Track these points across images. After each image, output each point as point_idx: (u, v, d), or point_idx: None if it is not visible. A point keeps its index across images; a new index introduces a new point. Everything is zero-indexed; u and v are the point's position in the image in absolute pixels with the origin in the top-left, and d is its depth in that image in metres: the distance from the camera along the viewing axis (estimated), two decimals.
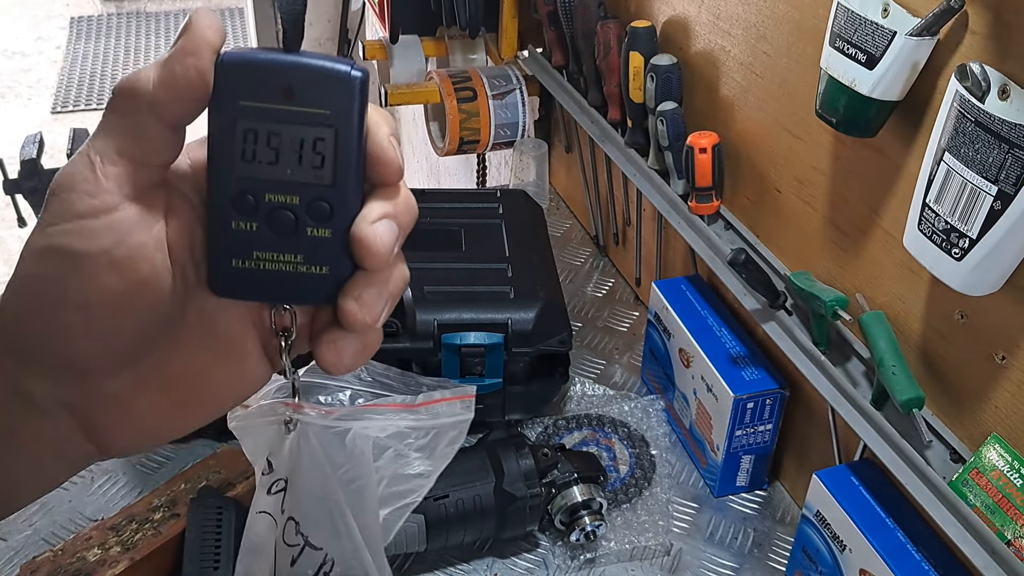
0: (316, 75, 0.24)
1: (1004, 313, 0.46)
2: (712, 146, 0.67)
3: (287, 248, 0.26)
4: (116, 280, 0.24)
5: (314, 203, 0.25)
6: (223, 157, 0.25)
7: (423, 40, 1.09)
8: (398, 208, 0.26)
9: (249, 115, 0.24)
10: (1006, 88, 0.41)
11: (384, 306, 0.26)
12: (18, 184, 0.93)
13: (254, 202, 0.25)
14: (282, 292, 0.26)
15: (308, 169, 0.25)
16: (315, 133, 0.25)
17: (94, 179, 0.24)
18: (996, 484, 0.46)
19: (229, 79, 0.24)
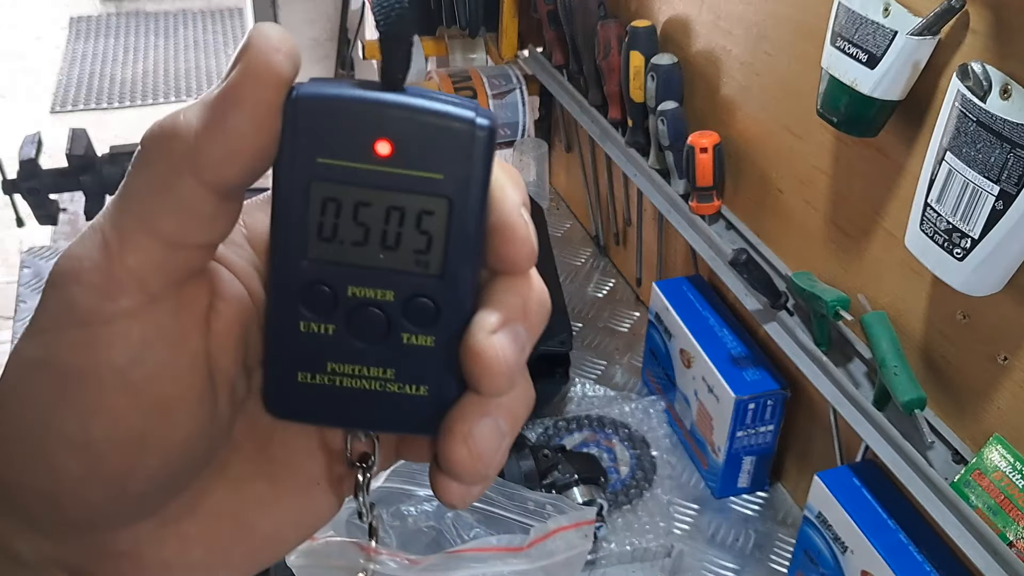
0: (426, 124, 0.17)
1: (1006, 313, 0.46)
2: (713, 146, 0.67)
3: (374, 360, 0.19)
4: (131, 410, 0.17)
5: (414, 300, 0.19)
6: (292, 234, 0.18)
7: (423, 39, 1.09)
8: (528, 308, 0.19)
9: (330, 177, 0.18)
10: (1008, 88, 0.41)
11: (502, 448, 0.19)
12: (16, 184, 0.93)
13: (332, 296, 0.18)
14: (363, 417, 0.20)
15: (408, 253, 0.18)
16: (420, 204, 0.18)
17: (107, 267, 0.17)
18: (998, 485, 0.46)
19: (304, 126, 0.17)
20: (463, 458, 0.19)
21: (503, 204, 0.19)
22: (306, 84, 0.18)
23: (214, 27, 3.62)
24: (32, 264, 0.95)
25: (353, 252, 0.18)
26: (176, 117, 0.17)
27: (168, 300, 0.18)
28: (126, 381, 0.17)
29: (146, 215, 0.17)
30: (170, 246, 0.17)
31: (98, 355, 0.17)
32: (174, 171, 0.17)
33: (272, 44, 0.17)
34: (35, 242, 1.16)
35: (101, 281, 0.17)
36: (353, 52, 2.14)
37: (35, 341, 0.18)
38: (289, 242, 0.18)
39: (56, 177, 0.94)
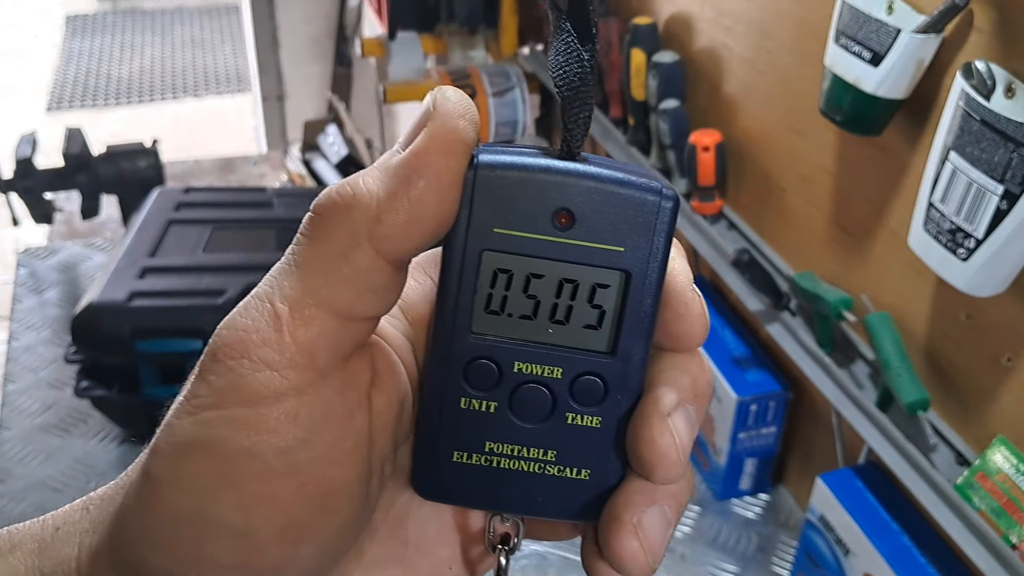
0: (612, 194, 0.17)
1: (1010, 314, 0.45)
2: (715, 144, 0.66)
3: (535, 440, 0.18)
4: (294, 497, 0.16)
5: (582, 379, 0.18)
6: (459, 305, 0.17)
7: (422, 37, 1.08)
8: (698, 388, 0.18)
9: (505, 248, 0.17)
10: (1012, 86, 0.41)
11: (668, 536, 0.18)
12: (12, 183, 0.93)
13: (496, 372, 0.18)
14: (518, 500, 0.19)
15: (577, 330, 0.18)
16: (596, 278, 0.17)
17: (278, 342, 0.16)
18: (1002, 487, 0.45)
19: (484, 195, 0.17)
20: (634, 550, 0.18)
21: (676, 278, 0.18)
22: (485, 151, 0.17)
23: (211, 24, 3.61)
24: (28, 264, 0.95)
25: (521, 326, 0.18)
26: (355, 185, 0.16)
27: (336, 376, 0.17)
28: (292, 465, 0.16)
29: (320, 286, 0.16)
30: (343, 319, 0.16)
31: (265, 437, 0.16)
32: (353, 241, 0.16)
33: (457, 110, 0.17)
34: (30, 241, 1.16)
35: (272, 356, 0.16)
36: (352, 49, 2.13)
37: (195, 419, 0.16)
38: (455, 314, 0.18)
39: (52, 176, 0.94)
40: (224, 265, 0.70)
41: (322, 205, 0.17)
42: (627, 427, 0.18)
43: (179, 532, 0.16)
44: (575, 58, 0.17)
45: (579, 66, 0.17)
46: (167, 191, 0.82)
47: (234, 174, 1.69)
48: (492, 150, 0.17)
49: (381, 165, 0.17)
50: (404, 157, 0.16)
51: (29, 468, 0.70)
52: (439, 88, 0.17)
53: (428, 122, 0.17)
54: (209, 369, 0.16)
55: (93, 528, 0.18)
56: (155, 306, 0.66)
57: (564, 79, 0.17)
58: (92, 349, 0.67)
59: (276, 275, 0.17)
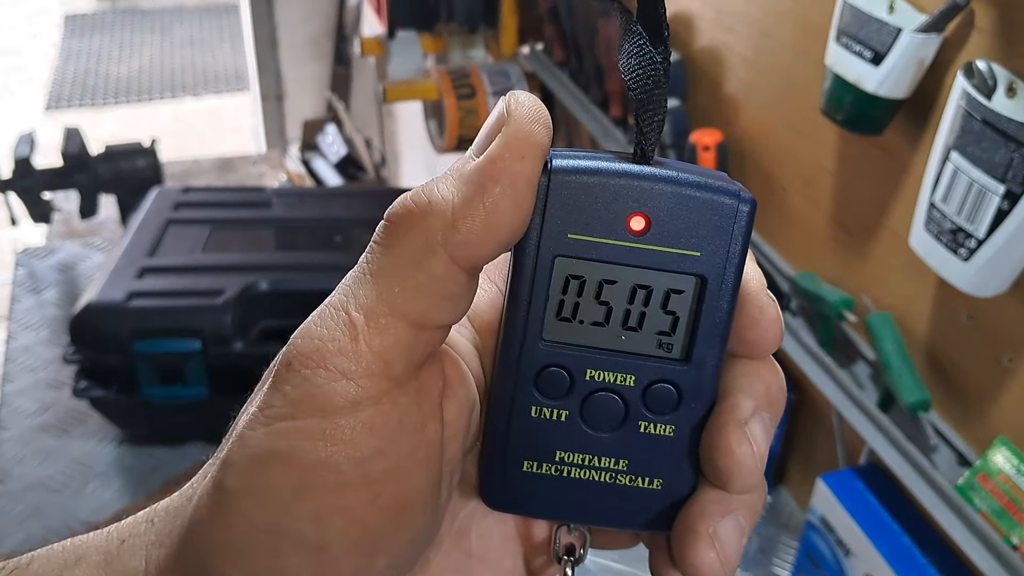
0: (689, 198, 0.17)
1: (1012, 315, 0.45)
2: (715, 144, 0.66)
3: (607, 449, 0.18)
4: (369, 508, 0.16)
5: (655, 386, 0.18)
6: (530, 313, 0.17)
7: (421, 36, 1.08)
8: (772, 395, 0.18)
9: (578, 254, 0.17)
10: (1013, 86, 0.41)
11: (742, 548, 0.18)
12: (11, 183, 0.93)
13: (568, 380, 0.18)
14: (588, 510, 0.18)
15: (650, 336, 0.18)
16: (669, 283, 0.17)
17: (354, 351, 0.16)
18: (1003, 488, 0.45)
19: (559, 200, 0.17)
20: (711, 562, 0.17)
21: (749, 283, 0.18)
22: (558, 155, 0.17)
23: (209, 24, 3.60)
24: (26, 264, 0.94)
25: (593, 333, 0.18)
26: (430, 192, 0.16)
27: (410, 385, 0.17)
28: (367, 476, 0.16)
29: (396, 295, 0.16)
30: (417, 327, 0.16)
31: (340, 448, 0.16)
32: (428, 249, 0.16)
33: (531, 115, 0.16)
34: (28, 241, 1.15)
35: (348, 365, 0.16)
36: (351, 49, 2.13)
37: (269, 430, 0.16)
38: (526, 321, 0.17)
39: (50, 176, 0.94)
40: (223, 265, 0.70)
41: (396, 213, 0.16)
42: (701, 436, 0.18)
43: (254, 545, 0.16)
44: (648, 60, 0.17)
45: (652, 68, 0.17)
46: (166, 191, 0.82)
47: (233, 174, 1.69)
48: (565, 154, 0.17)
49: (455, 171, 0.17)
50: (479, 163, 0.16)
51: (27, 468, 0.70)
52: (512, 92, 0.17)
53: (503, 127, 0.16)
54: (284, 379, 0.16)
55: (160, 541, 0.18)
56: (154, 306, 0.66)
57: (638, 81, 0.17)
58: (90, 349, 0.67)
59: (350, 283, 0.17)
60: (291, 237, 0.75)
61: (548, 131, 0.17)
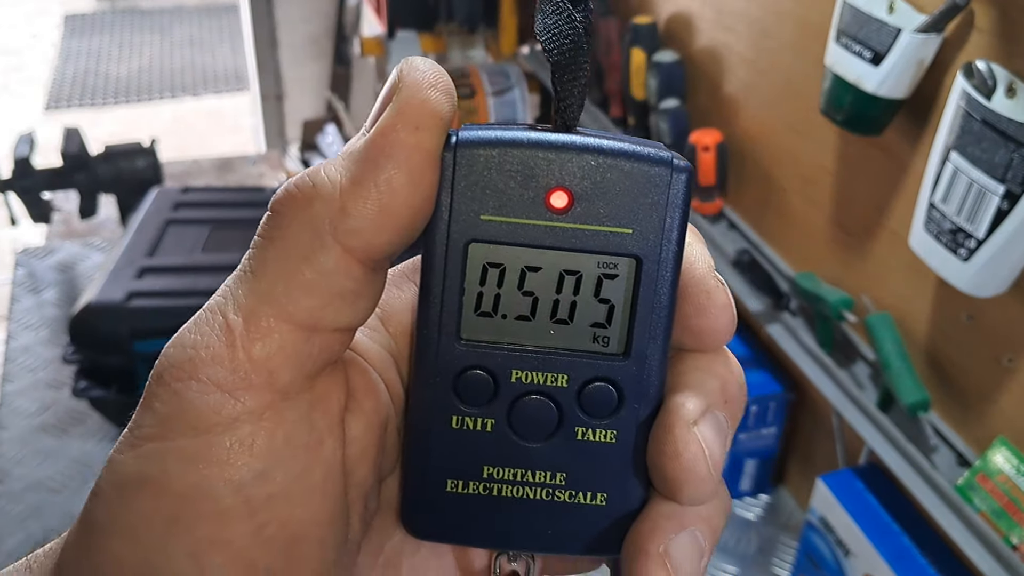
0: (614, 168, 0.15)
1: (1011, 315, 0.45)
2: (715, 144, 0.66)
3: (541, 462, 0.16)
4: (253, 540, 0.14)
5: (591, 386, 0.15)
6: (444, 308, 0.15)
7: (421, 36, 1.08)
8: (729, 392, 0.16)
9: (494, 237, 0.15)
10: (1013, 86, 0.41)
11: (703, 566, 0.15)
12: (10, 183, 0.93)
13: (492, 384, 0.15)
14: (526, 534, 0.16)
15: (584, 329, 0.15)
16: (601, 267, 0.15)
17: (230, 359, 0.14)
18: (1002, 488, 0.45)
19: (466, 178, 0.15)
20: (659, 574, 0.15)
21: (694, 265, 0.15)
22: (465, 128, 0.15)
23: (209, 24, 3.60)
24: (26, 264, 0.94)
25: (517, 329, 0.15)
26: (315, 174, 0.14)
27: (300, 398, 0.14)
28: (249, 503, 0.14)
29: (279, 294, 0.14)
30: (306, 331, 0.14)
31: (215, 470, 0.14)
32: (315, 239, 0.14)
33: (427, 80, 0.14)
34: (28, 241, 1.15)
35: (222, 376, 0.14)
36: (351, 49, 2.13)
37: (137, 453, 0.14)
38: (440, 319, 0.15)
39: (50, 176, 0.94)
40: (222, 265, 0.70)
41: (279, 200, 0.14)
42: (647, 441, 0.15)
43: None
44: (566, 19, 0.15)
45: (571, 28, 0.15)
46: (165, 191, 0.82)
47: (232, 174, 1.69)
48: (474, 127, 0.15)
49: (345, 151, 0.14)
50: (369, 137, 0.14)
51: (27, 469, 0.70)
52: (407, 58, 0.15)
53: (394, 96, 0.14)
54: (154, 394, 0.14)
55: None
56: (153, 306, 0.66)
57: (555, 43, 0.15)
58: (90, 349, 0.67)
59: (230, 283, 0.15)
60: None
61: (449, 98, 0.14)
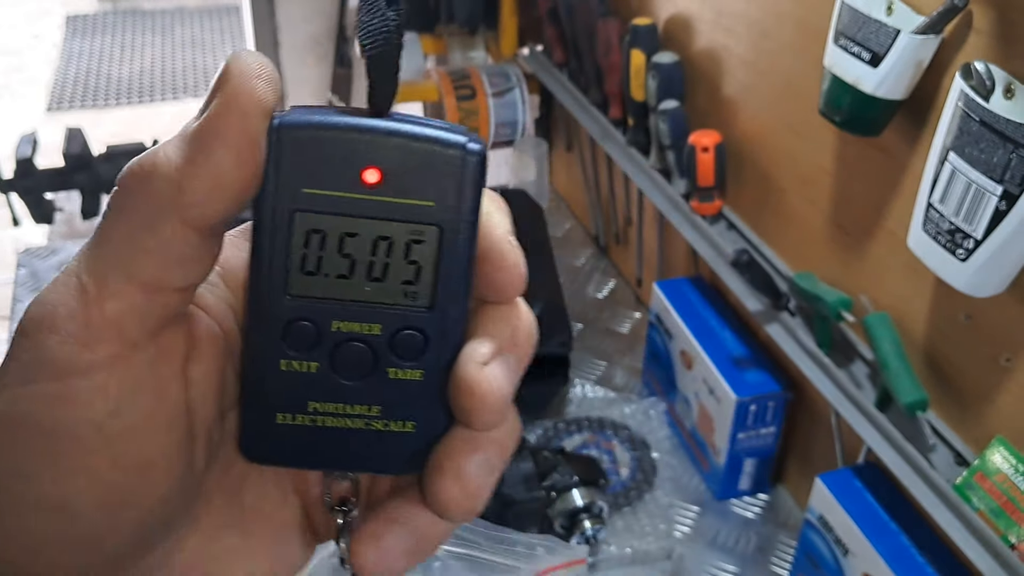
0: (417, 150, 0.17)
1: (1009, 315, 0.45)
2: (714, 145, 0.66)
3: (358, 397, 0.18)
4: (109, 468, 0.17)
5: (401, 333, 0.18)
6: (273, 268, 0.17)
7: (422, 37, 1.08)
8: (518, 337, 0.19)
9: (315, 208, 0.17)
10: (1011, 87, 0.41)
11: (491, 482, 0.19)
12: (13, 183, 0.93)
13: (315, 332, 0.18)
14: (346, 458, 0.19)
15: (396, 285, 0.18)
16: (409, 233, 0.17)
17: (83, 316, 0.16)
18: (1001, 487, 0.45)
19: (288, 156, 0.17)
20: (455, 497, 0.18)
21: (492, 231, 0.18)
22: (289, 112, 0.17)
23: (211, 25, 3.61)
24: (28, 264, 0.95)
25: (337, 285, 0.18)
26: (155, 154, 0.16)
27: (147, 348, 0.17)
28: (104, 437, 0.16)
29: (125, 259, 0.16)
30: (150, 291, 0.16)
31: (75, 410, 0.16)
32: (156, 211, 0.16)
33: (252, 71, 0.16)
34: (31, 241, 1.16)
35: (77, 329, 0.16)
36: (351, 50, 2.13)
37: (4, 396, 0.16)
38: (270, 277, 0.18)
39: (52, 176, 0.94)
40: None
41: (123, 176, 0.17)
42: (449, 378, 0.18)
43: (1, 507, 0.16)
44: (380, 17, 0.17)
45: (384, 26, 0.17)
46: None
47: None
48: (295, 111, 0.17)
49: (181, 132, 0.17)
50: (201, 122, 0.16)
51: None
52: (235, 51, 0.17)
53: (223, 85, 0.16)
54: (18, 345, 0.16)
55: None
56: None
57: (370, 38, 0.17)
58: None
59: (84, 249, 0.17)
60: None
61: (272, 86, 0.17)
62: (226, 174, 0.16)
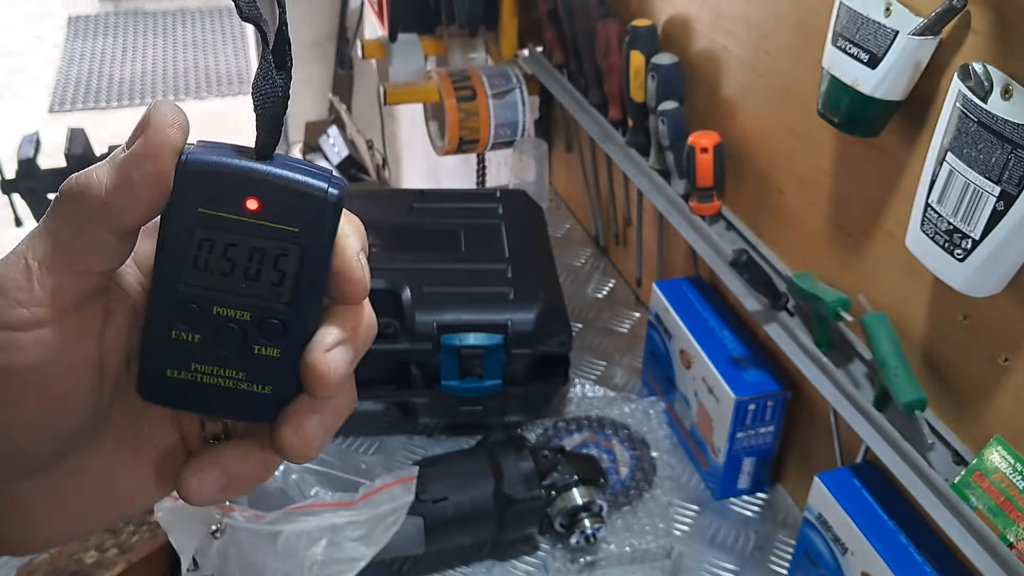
0: (287, 191, 0.23)
1: (1007, 314, 0.46)
2: (713, 146, 0.67)
3: (230, 364, 0.24)
4: (38, 399, 0.23)
5: (266, 321, 0.24)
6: (173, 263, 0.23)
7: (422, 39, 1.09)
8: (358, 331, 0.25)
9: (208, 224, 0.23)
10: (1009, 88, 0.41)
11: (325, 437, 0.25)
12: (15, 184, 0.93)
13: (200, 313, 0.23)
14: (217, 406, 0.25)
15: (265, 285, 0.23)
16: (278, 249, 0.23)
17: (28, 288, 0.22)
18: (999, 486, 0.45)
19: (190, 185, 0.22)
20: (292, 443, 0.24)
21: (344, 251, 0.24)
22: (195, 149, 0.23)
23: (212, 26, 3.61)
24: None
25: (220, 281, 0.23)
26: (90, 175, 0.22)
27: (75, 315, 0.23)
28: (38, 376, 0.22)
29: (62, 250, 0.22)
30: (79, 274, 0.22)
31: (17, 356, 0.22)
32: (87, 219, 0.22)
33: (167, 121, 0.22)
34: None
35: (23, 297, 0.22)
36: (352, 51, 2.14)
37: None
38: (171, 269, 0.23)
39: (54, 177, 0.94)
40: None
41: (65, 189, 0.22)
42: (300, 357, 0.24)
43: None
44: (270, 82, 0.23)
45: (272, 89, 0.23)
46: None
47: None
48: (203, 149, 0.23)
49: (111, 160, 0.22)
50: (127, 156, 0.22)
51: None
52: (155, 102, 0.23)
53: (145, 128, 0.22)
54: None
55: None
56: None
57: (260, 97, 0.23)
58: None
59: (32, 236, 0.23)
60: None
61: (181, 132, 0.22)
62: (141, 195, 0.22)
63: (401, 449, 0.71)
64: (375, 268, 0.89)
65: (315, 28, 2.25)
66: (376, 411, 0.73)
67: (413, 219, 0.78)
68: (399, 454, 0.70)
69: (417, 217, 0.78)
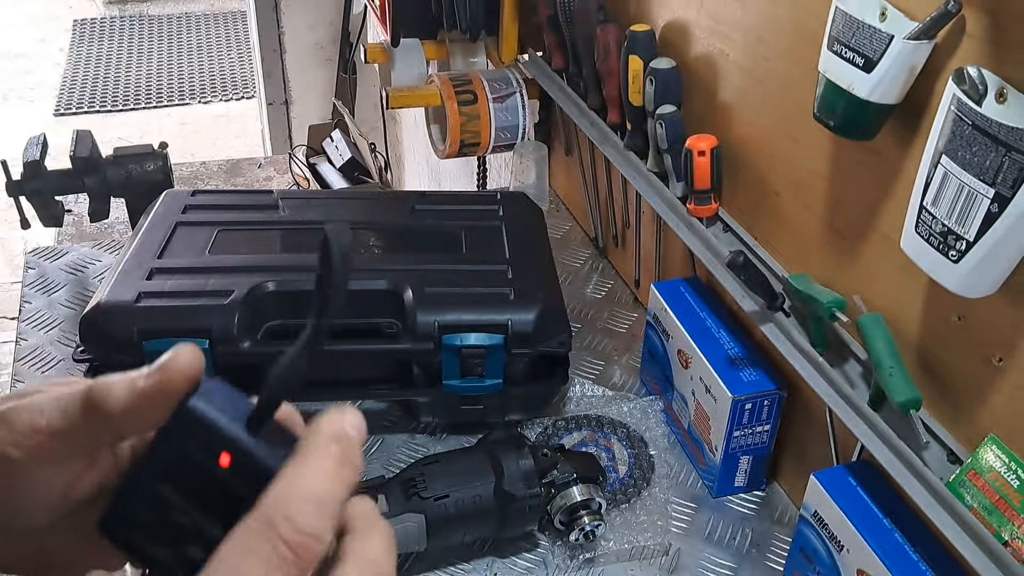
0: (249, 461, 0.27)
1: (1001, 315, 0.46)
2: (711, 149, 0.67)
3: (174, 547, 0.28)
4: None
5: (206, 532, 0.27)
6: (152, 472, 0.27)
7: (424, 43, 1.10)
8: None
9: (186, 458, 0.27)
10: (1003, 91, 0.41)
11: None
12: (21, 185, 0.94)
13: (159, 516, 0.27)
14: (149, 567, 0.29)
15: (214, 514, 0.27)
16: (230, 501, 0.27)
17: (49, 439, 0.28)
18: (993, 485, 0.46)
19: (181, 428, 0.27)
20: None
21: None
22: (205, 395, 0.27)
23: (217, 30, 3.63)
24: (36, 265, 0.96)
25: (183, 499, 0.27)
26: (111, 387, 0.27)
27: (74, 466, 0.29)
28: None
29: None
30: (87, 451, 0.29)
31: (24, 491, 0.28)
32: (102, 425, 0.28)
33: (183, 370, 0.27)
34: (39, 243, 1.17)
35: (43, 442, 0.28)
36: (356, 56, 2.15)
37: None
38: (149, 475, 0.27)
39: (60, 178, 0.95)
40: (231, 266, 0.71)
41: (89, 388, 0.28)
42: None
43: None
44: (296, 372, 0.27)
45: (295, 377, 0.27)
46: (175, 194, 0.83)
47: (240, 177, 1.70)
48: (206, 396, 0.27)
49: (132, 384, 0.27)
50: (142, 386, 0.27)
51: None
52: (175, 347, 0.27)
53: (165, 370, 0.27)
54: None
55: None
56: (162, 306, 0.67)
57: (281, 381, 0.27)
58: (100, 349, 0.68)
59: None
60: (297, 239, 0.76)
61: (191, 380, 0.27)
62: (143, 422, 0.27)
63: (402, 447, 0.71)
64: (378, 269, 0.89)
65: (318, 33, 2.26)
66: (378, 410, 0.74)
67: (415, 221, 0.79)
68: (400, 452, 0.71)
69: (419, 219, 0.79)
